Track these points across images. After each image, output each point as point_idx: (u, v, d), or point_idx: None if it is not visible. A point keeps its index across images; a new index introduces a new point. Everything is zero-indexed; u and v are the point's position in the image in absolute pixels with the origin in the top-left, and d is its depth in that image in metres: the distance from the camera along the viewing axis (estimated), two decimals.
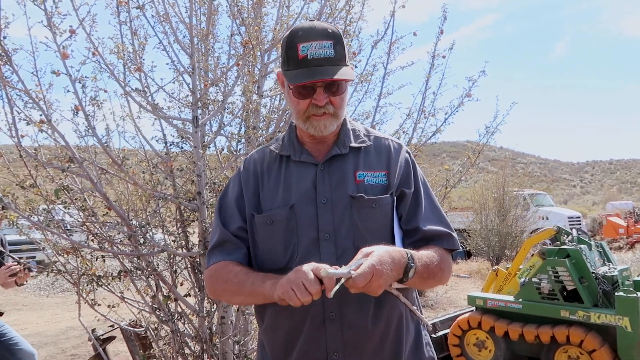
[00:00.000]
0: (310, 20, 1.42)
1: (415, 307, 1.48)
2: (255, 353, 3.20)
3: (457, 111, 3.58)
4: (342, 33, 1.42)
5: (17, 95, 2.61)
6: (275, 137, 1.61)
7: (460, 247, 1.54)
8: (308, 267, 1.20)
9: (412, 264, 1.29)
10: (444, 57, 3.48)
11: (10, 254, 3.40)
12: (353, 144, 1.49)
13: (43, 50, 2.55)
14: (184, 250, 3.14)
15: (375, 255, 1.20)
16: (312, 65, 1.34)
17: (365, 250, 1.23)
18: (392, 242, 1.42)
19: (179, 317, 3.16)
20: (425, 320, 1.50)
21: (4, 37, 2.46)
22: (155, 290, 3.14)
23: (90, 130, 2.76)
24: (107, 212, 3.01)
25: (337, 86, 1.38)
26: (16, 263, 3.27)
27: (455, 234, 1.49)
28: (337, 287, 1.16)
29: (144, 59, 3.04)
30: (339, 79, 1.34)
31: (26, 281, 3.38)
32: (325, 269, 1.17)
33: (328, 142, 1.49)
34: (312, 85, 1.36)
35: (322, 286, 1.18)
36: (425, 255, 1.37)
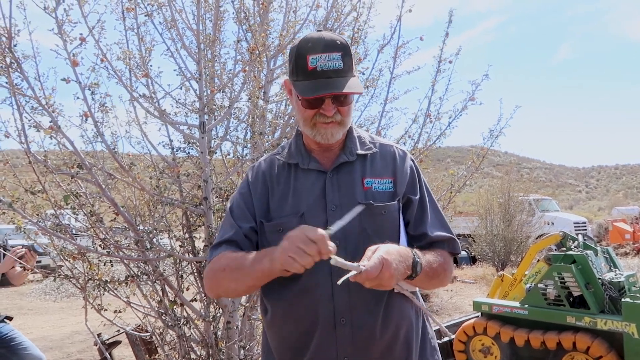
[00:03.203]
0: (317, 30, 1.44)
1: (424, 305, 1.50)
2: (260, 359, 3.21)
3: (460, 115, 3.59)
4: (349, 42, 1.44)
5: (25, 101, 2.64)
6: (281, 146, 1.62)
7: (462, 252, 1.58)
8: (298, 231, 1.22)
9: (417, 259, 1.32)
10: (450, 62, 3.49)
11: (11, 250, 3.42)
12: (359, 151, 1.51)
13: (49, 55, 2.58)
14: (190, 256, 3.15)
15: (383, 249, 1.23)
16: (322, 77, 1.36)
17: (372, 247, 1.25)
18: None
19: (184, 322, 3.16)
20: (439, 323, 1.50)
21: (15, 45, 2.49)
22: (161, 295, 3.15)
23: (98, 137, 2.78)
24: (114, 218, 3.03)
25: (345, 97, 1.40)
26: (20, 247, 3.28)
27: (455, 238, 1.53)
28: (346, 277, 1.17)
29: (151, 65, 3.07)
30: (349, 92, 1.36)
31: (34, 268, 3.37)
32: (335, 257, 1.18)
33: (335, 149, 1.51)
34: (320, 96, 1.37)
35: (317, 246, 1.19)
36: (428, 254, 1.40)
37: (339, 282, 1.17)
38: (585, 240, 5.07)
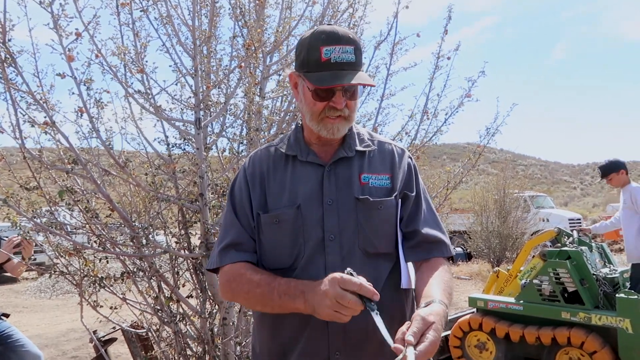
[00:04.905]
0: (328, 24, 1.44)
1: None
2: None
3: (457, 112, 3.60)
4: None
5: (20, 97, 2.62)
6: (280, 137, 1.61)
7: (458, 248, 1.55)
8: (339, 289, 1.18)
9: (447, 321, 1.28)
10: (448, 58, 3.49)
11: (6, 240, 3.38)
12: (358, 148, 1.51)
13: (47, 52, 2.57)
14: (186, 252, 3.15)
15: (434, 328, 1.16)
16: (335, 69, 1.35)
17: (424, 315, 1.18)
18: (396, 245, 1.45)
19: (180, 319, 3.16)
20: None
21: (9, 40, 2.47)
22: (157, 292, 3.14)
23: (94, 132, 2.77)
24: (110, 214, 3.02)
25: (354, 91, 1.41)
26: (15, 235, 3.25)
27: (448, 240, 1.52)
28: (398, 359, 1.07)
29: (146, 61, 3.06)
30: (364, 83, 1.36)
31: (32, 257, 3.33)
32: (408, 351, 1.07)
33: (334, 144, 1.51)
34: (332, 88, 1.37)
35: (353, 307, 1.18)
36: (443, 287, 1.35)
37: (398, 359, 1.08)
38: (580, 236, 5.09)
